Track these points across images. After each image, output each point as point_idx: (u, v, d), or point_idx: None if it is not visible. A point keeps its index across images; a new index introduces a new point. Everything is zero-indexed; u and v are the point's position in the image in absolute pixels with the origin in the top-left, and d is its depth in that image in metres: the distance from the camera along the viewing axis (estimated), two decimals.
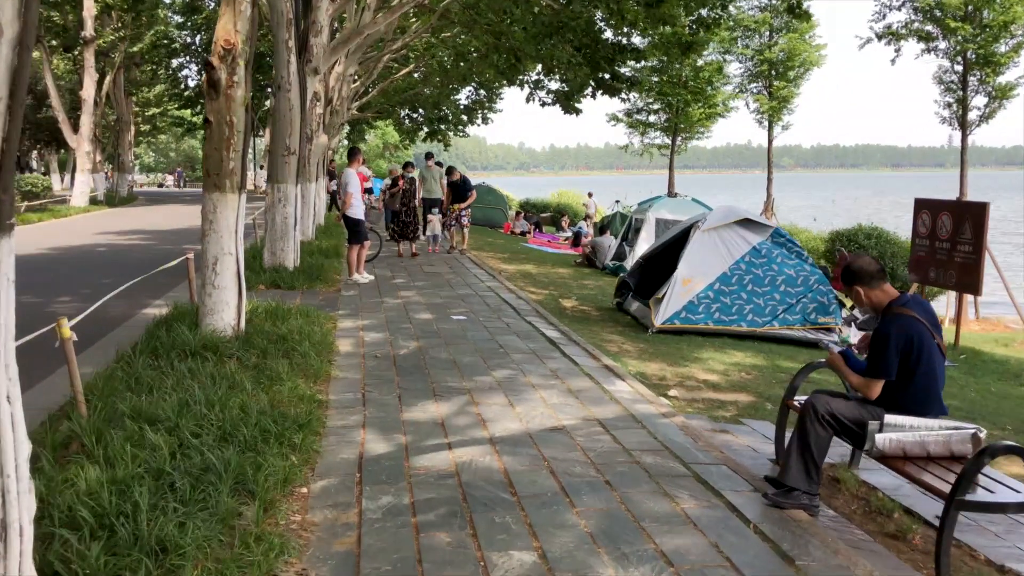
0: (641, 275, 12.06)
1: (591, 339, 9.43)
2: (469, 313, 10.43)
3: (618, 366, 7.81)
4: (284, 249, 13.25)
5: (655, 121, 32.49)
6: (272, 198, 13.27)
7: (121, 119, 44.80)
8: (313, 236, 18.49)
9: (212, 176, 8.18)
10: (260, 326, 8.48)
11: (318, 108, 17.83)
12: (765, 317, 10.42)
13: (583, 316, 11.33)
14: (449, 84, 36.50)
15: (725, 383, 7.87)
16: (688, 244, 10.71)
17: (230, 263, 8.22)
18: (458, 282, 13.35)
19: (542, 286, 14.11)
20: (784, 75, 29.09)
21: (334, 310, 10.45)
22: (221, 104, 8.10)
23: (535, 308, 11.10)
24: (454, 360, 7.79)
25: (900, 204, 71.56)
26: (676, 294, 10.40)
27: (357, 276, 13.03)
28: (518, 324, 9.80)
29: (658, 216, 16.78)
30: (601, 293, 13.87)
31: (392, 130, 59.07)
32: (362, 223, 13.02)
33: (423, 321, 9.77)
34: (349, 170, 13.01)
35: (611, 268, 17.51)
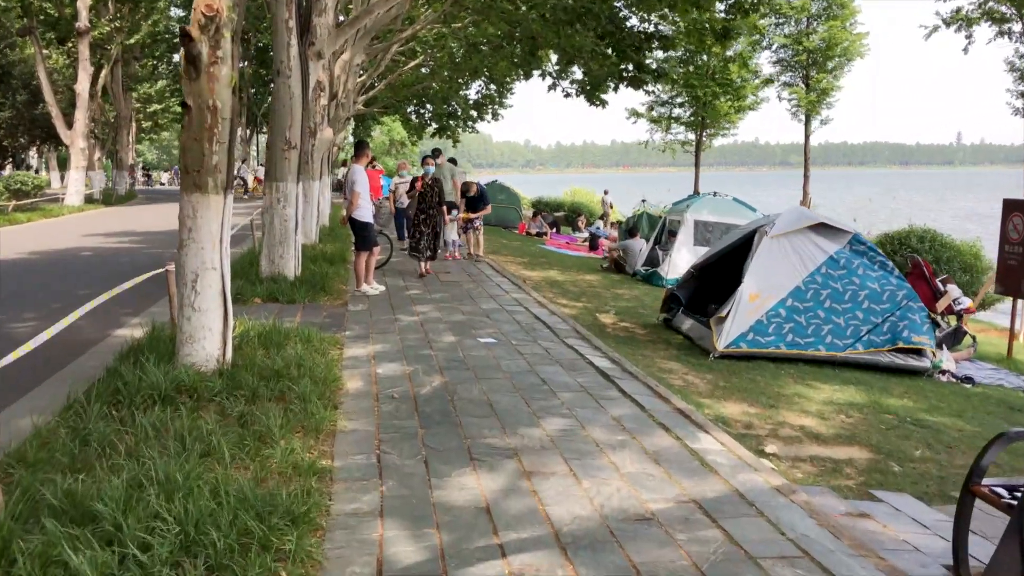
0: (693, 287, 10.52)
1: (647, 368, 7.89)
2: (499, 335, 8.89)
3: (695, 411, 6.25)
4: (284, 256, 11.72)
5: (680, 115, 30.86)
6: (270, 198, 11.74)
7: (120, 115, 43.26)
8: (317, 239, 16.97)
9: (191, 173, 6.65)
10: (251, 356, 6.95)
11: (322, 99, 16.28)
12: (847, 339, 8.85)
13: (628, 336, 9.78)
14: (459, 78, 35.09)
15: (827, 431, 6.31)
16: (754, 253, 9.16)
17: (213, 280, 6.70)
18: (480, 293, 11.80)
19: (573, 297, 12.56)
20: (823, 65, 27.41)
21: (340, 330, 8.92)
22: (202, 85, 6.57)
23: (573, 327, 9.55)
24: (490, 402, 6.25)
25: (928, 202, 70.04)
26: (742, 312, 8.85)
27: (366, 287, 11.50)
28: (558, 349, 8.25)
29: (697, 217, 15.22)
30: (640, 305, 12.31)
31: (399, 126, 57.61)
32: (371, 227, 11.48)
33: (446, 346, 8.23)
34: (356, 166, 11.46)
35: (643, 274, 15.96)
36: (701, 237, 15.15)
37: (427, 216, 13.08)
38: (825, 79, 27.44)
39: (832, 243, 9.24)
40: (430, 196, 13.07)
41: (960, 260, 17.16)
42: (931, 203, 73.29)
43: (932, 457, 5.80)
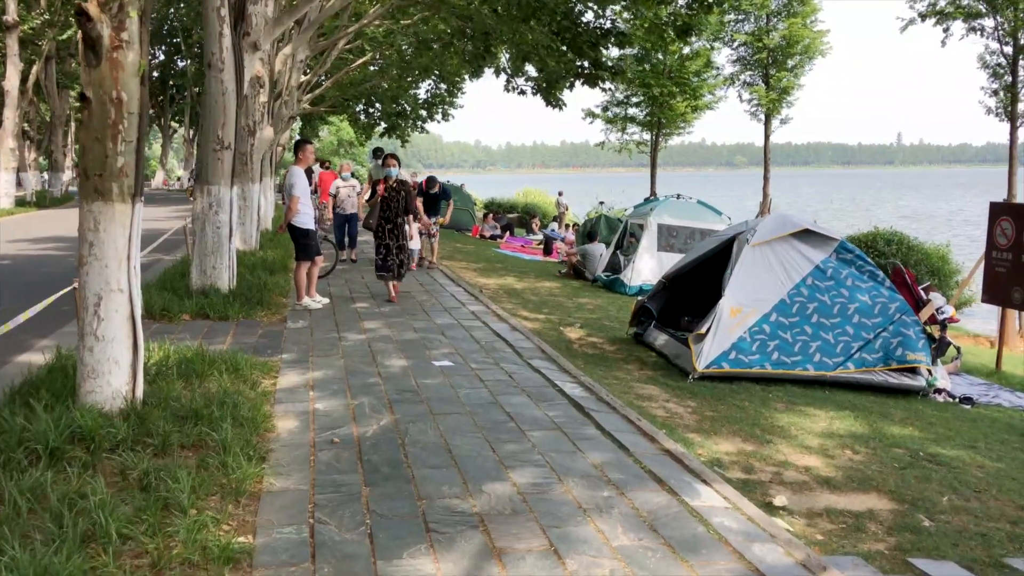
0: (665, 299, 9.70)
1: (623, 395, 7.02)
2: (455, 356, 7.96)
3: (687, 454, 5.38)
4: (216, 267, 10.64)
5: (636, 115, 30.10)
6: (201, 204, 10.66)
7: (55, 114, 41.39)
8: (257, 245, 15.86)
9: (92, 178, 5.62)
10: (166, 391, 5.94)
11: (262, 96, 15.21)
12: (837, 357, 8.08)
13: (597, 354, 8.91)
14: (408, 77, 34.10)
15: (837, 474, 5.49)
16: (735, 263, 8.35)
17: (120, 303, 5.68)
18: (434, 306, 10.86)
19: (534, 308, 11.67)
20: (783, 64, 26.85)
21: (276, 352, 7.92)
22: (103, 73, 5.55)
23: (538, 345, 8.65)
24: (448, 446, 5.31)
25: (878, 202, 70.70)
26: (723, 328, 8.03)
27: (308, 300, 10.48)
28: (523, 373, 7.35)
29: (661, 221, 14.42)
30: (605, 316, 11.47)
31: (347, 126, 56.25)
32: (312, 234, 10.46)
33: (397, 371, 7.27)
34: (295, 168, 10.41)
35: (604, 281, 15.14)
36: (665, 242, 14.38)
37: (393, 226, 10.91)
38: (786, 78, 26.91)
39: (818, 251, 8.48)
40: (396, 203, 10.91)
41: (928, 264, 16.66)
42: (871, 202, 73.99)
43: (963, 506, 5.00)
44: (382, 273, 10.97)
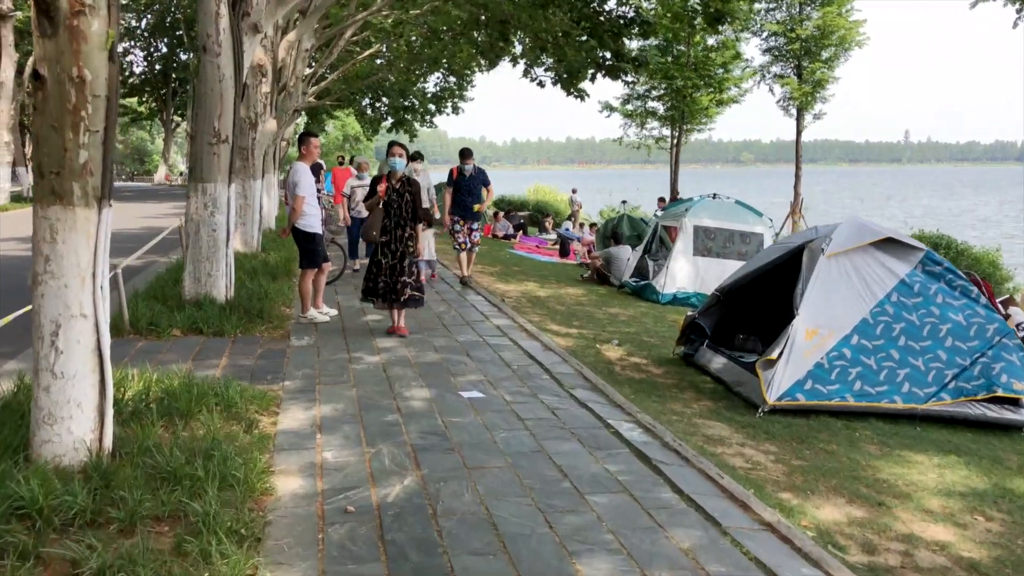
0: (719, 315, 8.57)
1: (688, 436, 5.91)
2: (485, 384, 6.84)
3: (795, 530, 4.26)
4: (212, 274, 9.53)
5: (656, 109, 28.86)
6: (195, 203, 9.54)
7: None
8: (259, 247, 14.75)
9: (48, 177, 4.52)
10: (142, 438, 4.83)
11: (264, 85, 14.10)
12: (929, 387, 6.94)
13: (645, 379, 7.79)
14: (416, 70, 33.03)
15: (979, 551, 4.37)
16: (808, 277, 7.22)
17: (83, 332, 4.58)
18: (454, 319, 9.74)
19: (562, 320, 10.55)
20: (816, 55, 25.56)
21: (277, 378, 6.81)
22: (61, 45, 4.44)
23: (577, 369, 7.52)
24: (492, 518, 4.20)
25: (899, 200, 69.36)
26: (797, 353, 6.90)
27: (314, 312, 9.37)
28: (568, 409, 6.22)
29: (697, 223, 13.27)
30: (643, 330, 10.33)
31: (353, 120, 55.12)
32: (319, 239, 9.34)
33: (418, 407, 6.14)
34: (299, 165, 9.28)
35: (632, 287, 14.00)
36: (702, 245, 13.24)
37: (391, 239, 8.48)
38: (819, 70, 25.61)
39: (902, 263, 7.35)
40: (399, 207, 8.50)
41: (978, 269, 15.49)
42: (885, 201, 72.70)
43: None
44: (369, 297, 8.66)
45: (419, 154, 13.45)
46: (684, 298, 12.99)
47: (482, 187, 12.43)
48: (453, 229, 12.47)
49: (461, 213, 12.29)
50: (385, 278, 8.49)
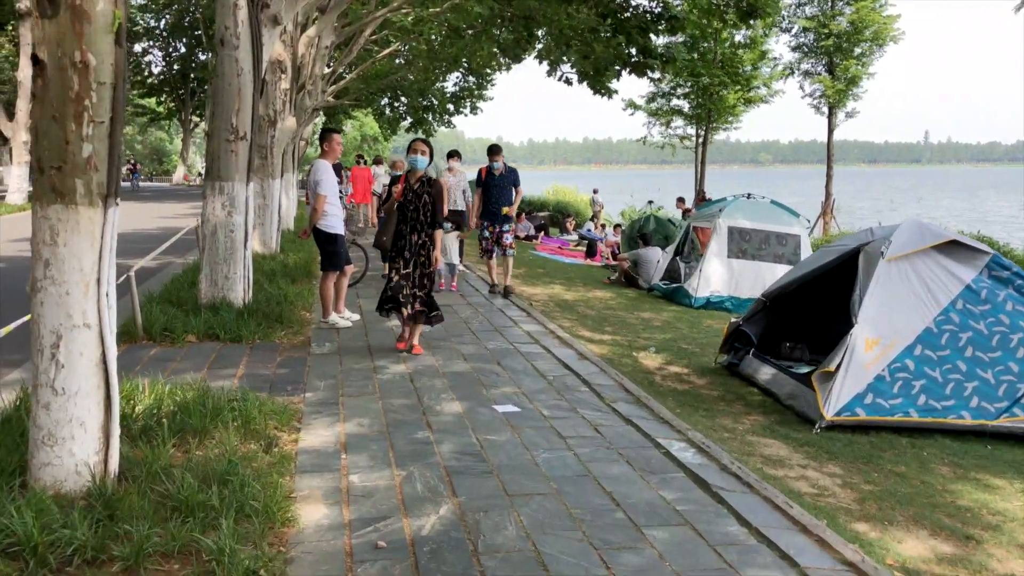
0: (765, 322, 8.07)
1: (745, 455, 5.42)
2: (521, 397, 6.37)
3: (880, 571, 3.77)
4: (229, 277, 9.12)
5: (682, 107, 28.23)
6: (212, 203, 9.14)
7: None
8: (278, 248, 14.36)
9: (48, 172, 4.10)
10: (152, 460, 4.40)
11: (284, 82, 13.69)
12: (999, 401, 6.42)
13: (689, 390, 7.30)
14: (436, 69, 32.70)
15: None
16: (867, 282, 6.71)
17: (86, 344, 4.16)
18: (482, 324, 9.28)
19: (594, 325, 10.07)
20: (849, 51, 24.88)
21: (298, 389, 6.37)
22: (62, 26, 4.02)
23: (617, 380, 7.04)
24: (540, 556, 3.73)
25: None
26: (856, 365, 6.40)
27: (335, 317, 8.93)
28: (612, 424, 5.75)
29: (732, 224, 12.75)
30: (679, 336, 9.84)
31: (372, 120, 54.80)
32: (340, 240, 8.90)
33: (450, 422, 5.69)
34: (321, 162, 8.84)
35: (663, 290, 13.50)
36: (736, 247, 12.72)
37: (409, 246, 7.58)
38: (853, 66, 24.92)
39: (966, 268, 6.82)
40: (417, 212, 7.58)
41: None
42: (916, 202, 71.66)
43: None
44: (386, 307, 7.72)
45: (456, 152, 12.83)
46: (718, 302, 12.49)
47: (512, 188, 11.30)
48: (481, 235, 11.53)
49: (489, 216, 11.28)
50: (407, 286, 7.58)
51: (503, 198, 11.20)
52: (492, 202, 11.20)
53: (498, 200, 11.18)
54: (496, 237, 11.27)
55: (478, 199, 11.40)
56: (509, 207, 11.23)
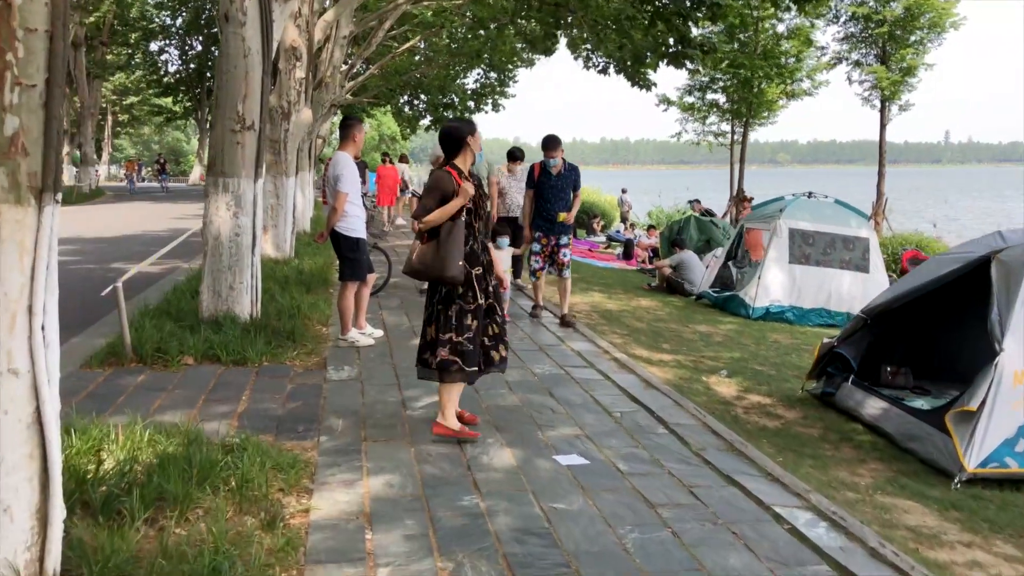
0: (867, 343, 6.81)
1: (887, 527, 4.18)
2: (585, 440, 5.15)
3: None
4: (235, 287, 7.95)
5: (718, 101, 26.82)
6: (214, 203, 7.96)
7: (83, 104, 39.28)
8: (292, 252, 13.20)
9: None
10: (107, 556, 3.21)
11: (298, 70, 12.52)
12: None
13: (782, 428, 6.06)
14: (457, 65, 31.68)
15: None
16: (1016, 300, 5.44)
17: (13, 398, 2.97)
18: (523, 342, 8.07)
19: (649, 342, 8.84)
20: (903, 40, 23.42)
21: (310, 430, 5.18)
22: None
23: (700, 419, 5.80)
24: None
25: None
26: (1004, 402, 5.14)
27: (355, 334, 7.74)
28: (709, 485, 4.51)
29: (794, 226, 11.46)
30: (748, 354, 8.59)
31: (390, 119, 53.70)
32: (363, 245, 7.71)
33: (502, 481, 4.47)
34: (342, 155, 7.63)
35: (713, 298, 12.24)
36: (799, 251, 11.44)
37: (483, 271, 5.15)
38: (908, 55, 23.40)
39: None
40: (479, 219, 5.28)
41: None
42: (934, 203, 69.80)
43: None
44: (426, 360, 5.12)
45: (519, 152, 11.43)
46: (778, 312, 11.23)
47: (571, 191, 9.16)
48: (533, 249, 9.41)
49: (541, 225, 9.16)
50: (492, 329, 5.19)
51: (560, 202, 9.05)
52: (546, 207, 9.07)
53: (553, 205, 9.03)
54: (550, 251, 9.17)
55: (529, 203, 9.28)
56: (567, 213, 9.09)
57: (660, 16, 15.66)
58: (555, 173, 9.03)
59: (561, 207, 9.04)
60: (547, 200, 9.05)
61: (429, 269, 4.89)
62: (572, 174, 9.14)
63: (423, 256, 4.92)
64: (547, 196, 9.05)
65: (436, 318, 4.99)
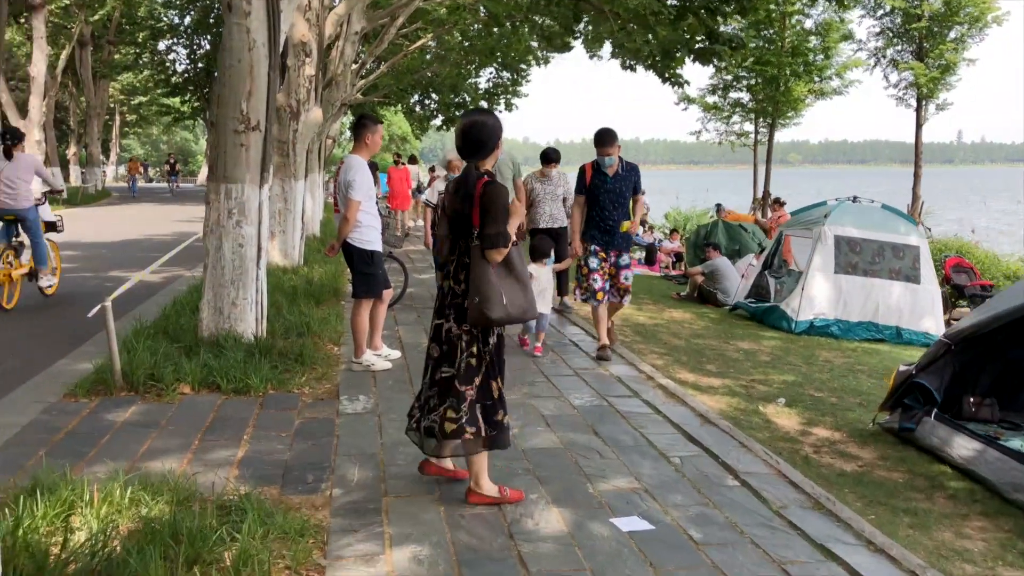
0: (951, 371, 6.02)
1: None
2: (644, 495, 4.39)
3: None
4: (238, 303, 7.20)
5: (742, 99, 25.98)
6: (215, 211, 7.22)
7: (89, 104, 38.70)
8: (301, 260, 12.48)
9: None
10: None
11: (308, 67, 11.78)
12: None
13: (861, 472, 5.28)
14: (469, 64, 31.04)
15: None
16: None
17: None
18: (554, 364, 7.32)
19: (692, 362, 8.07)
20: (942, 36, 22.51)
21: (321, 481, 4.44)
22: None
23: (765, 459, 5.03)
24: None
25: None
26: None
27: (371, 356, 6.99)
28: (806, 561, 3.73)
29: (839, 233, 10.65)
30: (804, 378, 7.80)
31: (400, 119, 53.01)
32: (378, 259, 6.96)
33: (553, 551, 3.71)
34: (354, 158, 6.87)
35: (750, 310, 11.45)
36: (845, 260, 10.64)
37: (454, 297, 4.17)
38: (946, 51, 22.46)
39: None
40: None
41: None
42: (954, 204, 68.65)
43: None
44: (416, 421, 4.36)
45: (555, 153, 10.17)
46: (822, 326, 10.44)
47: (630, 195, 7.73)
48: (586, 264, 7.69)
49: (598, 237, 7.64)
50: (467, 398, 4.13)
51: (619, 209, 7.59)
52: (602, 216, 7.58)
53: (611, 212, 7.55)
54: (611, 271, 7.70)
55: (579, 211, 7.76)
56: (630, 221, 7.67)
57: (688, 10, 14.95)
58: (611, 174, 7.56)
59: (621, 215, 7.59)
60: (603, 207, 7.56)
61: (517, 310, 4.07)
62: (631, 175, 7.68)
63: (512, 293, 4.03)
64: (603, 202, 7.55)
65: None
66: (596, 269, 7.61)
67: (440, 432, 4.10)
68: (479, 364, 4.08)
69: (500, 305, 3.95)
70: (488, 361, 4.09)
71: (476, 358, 4.09)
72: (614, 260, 7.67)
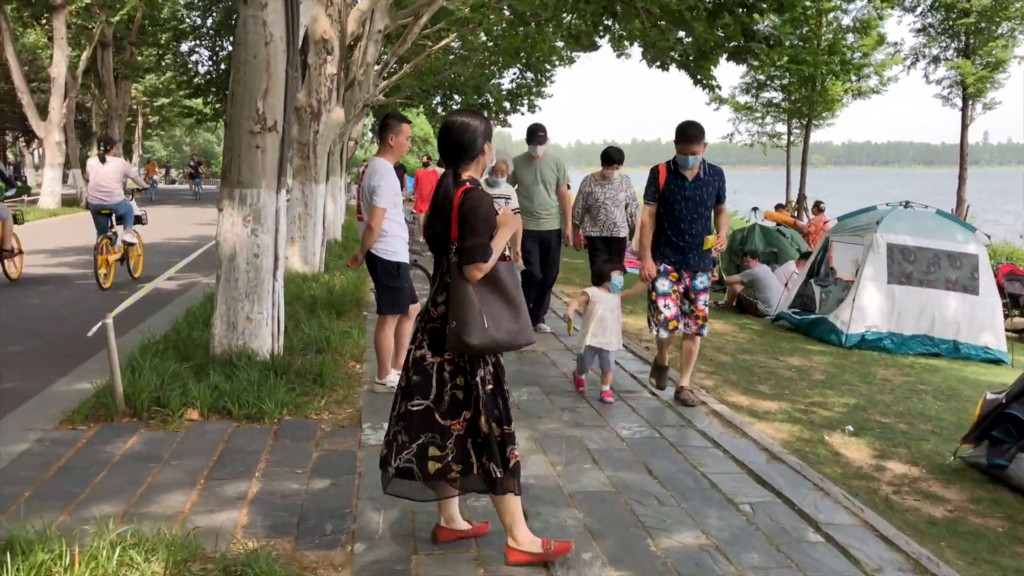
0: None
1: None
2: (715, 553, 3.78)
3: None
4: (252, 318, 6.65)
5: (775, 99, 25.24)
6: (228, 219, 6.67)
7: (111, 105, 38.49)
8: (322, 267, 11.95)
9: None
10: None
11: (330, 65, 11.23)
12: None
13: (955, 519, 4.65)
14: (493, 64, 30.57)
15: None
16: None
17: None
18: (596, 389, 6.71)
19: (743, 382, 7.45)
20: (989, 32, 21.68)
21: (341, 533, 3.88)
22: None
23: (846, 504, 4.41)
24: None
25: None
26: None
27: (395, 376, 6.39)
28: None
29: (892, 240, 9.98)
30: (867, 401, 7.15)
31: (422, 120, 52.56)
32: (404, 271, 6.39)
33: None
34: (379, 161, 6.29)
35: (794, 321, 10.81)
36: (899, 270, 9.97)
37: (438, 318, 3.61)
38: (995, 48, 21.60)
39: None
40: None
41: None
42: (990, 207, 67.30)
43: None
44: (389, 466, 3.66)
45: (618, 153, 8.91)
46: (875, 340, 9.78)
47: (713, 204, 6.23)
48: (654, 288, 6.26)
49: (671, 255, 6.24)
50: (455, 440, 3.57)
51: (699, 221, 6.17)
52: (678, 228, 6.18)
53: (690, 224, 6.15)
54: (685, 294, 6.28)
55: (651, 223, 6.27)
56: (716, 236, 6.24)
57: (724, 7, 14.34)
58: (690, 178, 6.13)
59: (700, 228, 6.16)
60: (678, 218, 6.15)
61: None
62: (715, 180, 6.19)
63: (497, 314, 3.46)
64: (678, 212, 6.14)
65: None
66: (667, 293, 6.23)
67: (421, 474, 3.50)
68: (467, 398, 3.50)
69: (481, 330, 3.37)
70: (476, 396, 3.48)
71: (463, 390, 3.51)
72: (688, 281, 6.25)
